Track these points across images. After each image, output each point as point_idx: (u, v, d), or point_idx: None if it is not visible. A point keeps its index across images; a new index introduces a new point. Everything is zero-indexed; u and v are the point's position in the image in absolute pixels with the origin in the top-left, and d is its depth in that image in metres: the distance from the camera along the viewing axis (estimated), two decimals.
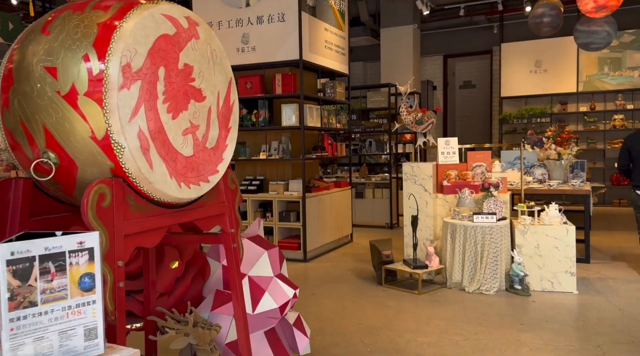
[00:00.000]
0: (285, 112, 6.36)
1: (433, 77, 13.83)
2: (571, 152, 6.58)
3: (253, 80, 6.42)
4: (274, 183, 6.56)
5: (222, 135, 1.89)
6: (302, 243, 6.28)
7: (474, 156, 5.74)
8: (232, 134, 1.97)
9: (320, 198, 6.66)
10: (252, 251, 2.60)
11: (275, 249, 2.74)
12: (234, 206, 2.03)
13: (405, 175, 5.52)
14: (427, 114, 5.38)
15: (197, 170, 1.75)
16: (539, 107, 11.44)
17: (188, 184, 1.70)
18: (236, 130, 2.00)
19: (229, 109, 1.94)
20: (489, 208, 5.09)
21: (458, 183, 5.51)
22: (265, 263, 2.59)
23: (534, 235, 4.92)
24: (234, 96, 1.98)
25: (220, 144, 1.88)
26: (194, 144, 1.75)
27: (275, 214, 6.40)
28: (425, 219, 5.43)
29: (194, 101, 1.75)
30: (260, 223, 2.92)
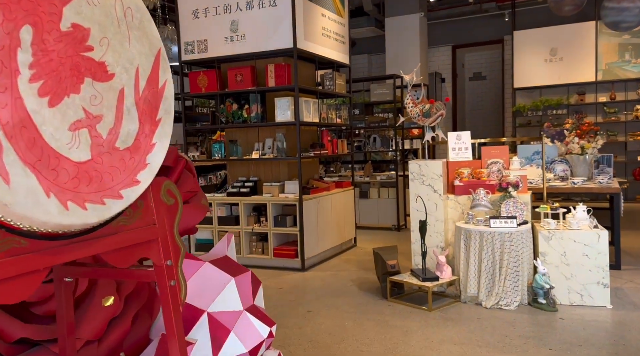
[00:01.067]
0: (279, 106, 5.79)
1: (441, 69, 13.20)
2: (596, 146, 5.95)
3: (243, 72, 5.85)
4: (269, 184, 6.00)
5: (144, 130, 1.33)
6: (299, 251, 5.71)
7: (488, 151, 5.14)
8: (164, 128, 1.40)
9: (320, 200, 6.09)
10: (214, 279, 2.04)
11: (247, 274, 2.17)
12: (172, 228, 1.46)
13: (412, 174, 4.93)
14: (435, 105, 4.78)
15: (98, 182, 1.18)
16: (555, 98, 10.77)
17: (81, 204, 1.14)
18: (170, 123, 1.43)
19: (156, 93, 1.37)
20: (507, 211, 4.49)
21: (471, 183, 4.91)
22: (232, 294, 2.03)
23: (559, 241, 4.31)
24: (165, 75, 1.40)
25: (141, 143, 1.32)
26: (92, 143, 1.18)
27: (269, 218, 5.83)
28: (435, 223, 4.84)
29: (91, 81, 1.18)
30: (231, 241, 2.35)
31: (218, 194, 6.18)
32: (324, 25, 6.20)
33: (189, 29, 6.04)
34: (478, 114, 14.90)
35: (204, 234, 6.23)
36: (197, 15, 5.96)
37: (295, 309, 4.43)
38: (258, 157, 5.91)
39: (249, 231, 5.95)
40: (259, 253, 5.95)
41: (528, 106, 10.94)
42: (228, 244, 2.32)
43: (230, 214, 6.13)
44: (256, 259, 5.95)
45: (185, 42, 6.08)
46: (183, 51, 6.10)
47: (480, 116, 14.85)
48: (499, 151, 5.13)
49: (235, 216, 6.01)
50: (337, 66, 6.74)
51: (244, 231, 5.96)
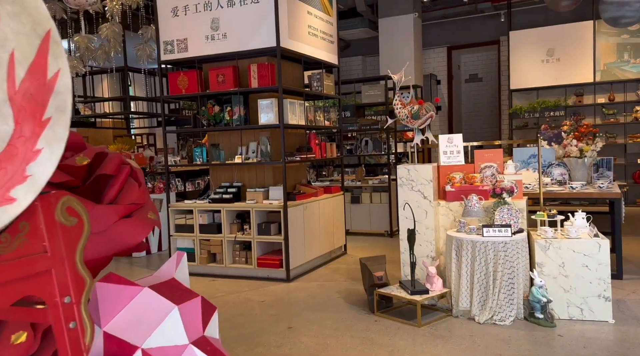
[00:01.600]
0: (263, 108, 5.50)
1: (437, 71, 12.93)
2: (595, 149, 5.67)
3: (225, 72, 5.57)
4: (252, 190, 5.71)
5: (23, 133, 1.04)
6: (284, 260, 5.42)
7: (482, 155, 4.86)
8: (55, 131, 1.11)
9: (307, 206, 5.80)
10: (154, 308, 1.74)
11: (196, 301, 1.87)
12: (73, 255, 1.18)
13: (401, 180, 4.64)
14: (424, 106, 4.50)
15: None
16: (552, 99, 10.50)
17: None
18: (66, 125, 1.14)
19: (43, 86, 1.08)
20: (501, 219, 4.21)
21: (464, 188, 4.63)
22: (175, 325, 1.74)
23: (557, 251, 4.02)
24: (56, 64, 1.11)
25: (18, 149, 1.03)
26: None
27: (253, 226, 5.54)
28: (425, 232, 4.55)
29: None
30: (183, 260, 2.05)
31: (200, 201, 5.89)
32: (310, 23, 5.93)
33: (169, 27, 5.76)
34: (474, 117, 14.63)
35: (185, 243, 5.93)
36: (177, 13, 5.68)
37: (275, 325, 4.14)
38: (241, 162, 5.62)
39: (232, 239, 5.65)
40: (243, 262, 5.66)
41: (525, 108, 10.68)
42: (177, 265, 2.02)
43: (213, 221, 5.84)
44: (239, 269, 5.66)
45: (164, 42, 5.80)
46: (162, 51, 5.82)
47: (477, 118, 14.59)
48: (493, 154, 4.85)
49: (218, 224, 5.72)
50: (325, 67, 6.47)
51: (227, 239, 5.66)
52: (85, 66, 7.99)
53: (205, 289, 5.28)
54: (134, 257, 7.05)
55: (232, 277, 5.65)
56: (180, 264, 2.04)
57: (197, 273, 5.85)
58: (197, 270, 5.86)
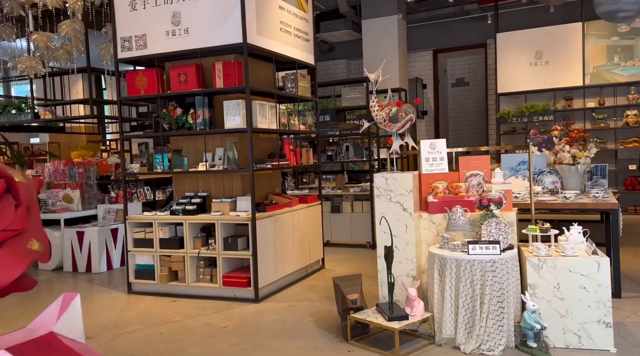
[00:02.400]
0: (228, 110, 5.02)
1: (422, 75, 12.55)
2: (589, 155, 5.26)
3: (188, 71, 5.08)
4: (218, 200, 5.21)
5: None
6: (252, 278, 4.92)
7: (467, 162, 4.42)
8: None
9: (279, 218, 5.31)
10: None
11: None
12: None
13: (378, 190, 4.18)
14: (403, 108, 4.05)
15: None
16: (541, 103, 10.14)
17: None
18: None
19: None
20: (489, 234, 3.75)
21: (447, 199, 4.18)
22: None
23: (552, 271, 3.58)
24: None
25: None
26: None
27: (218, 240, 5.04)
28: (405, 248, 4.08)
29: None
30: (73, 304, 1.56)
31: (160, 213, 5.37)
32: (282, 19, 5.46)
33: (126, 22, 5.27)
34: (461, 122, 14.28)
35: (145, 259, 5.42)
36: (135, 6, 5.19)
37: None
38: (205, 170, 5.13)
39: (195, 255, 5.15)
40: (207, 280, 5.15)
41: (513, 113, 10.30)
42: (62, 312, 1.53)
43: (175, 235, 5.33)
44: (204, 288, 5.15)
45: (121, 38, 5.30)
46: (120, 48, 5.32)
47: (464, 123, 14.23)
48: (479, 161, 4.40)
49: (180, 238, 5.22)
50: (300, 67, 6.01)
51: (189, 255, 5.16)
52: (45, 66, 7.47)
53: (162, 312, 4.77)
54: (93, 273, 6.52)
55: (195, 297, 5.14)
56: (68, 310, 1.54)
57: (157, 292, 5.33)
58: (157, 289, 5.34)
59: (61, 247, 6.72)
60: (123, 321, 4.54)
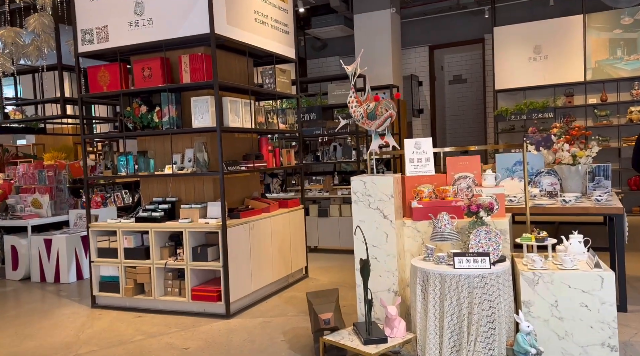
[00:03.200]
0: (196, 108, 4.60)
1: (418, 72, 12.11)
2: (590, 154, 4.83)
3: (152, 65, 4.66)
4: (187, 206, 4.79)
5: None
6: (222, 292, 4.50)
7: (455, 163, 3.99)
8: None
9: (254, 225, 4.89)
10: None
11: None
12: None
13: (355, 195, 3.76)
14: (382, 103, 3.62)
15: None
16: (540, 100, 9.70)
17: None
18: None
19: None
20: (478, 244, 3.33)
21: (433, 204, 3.76)
22: None
23: (549, 287, 3.15)
24: None
25: None
26: None
27: (186, 250, 4.62)
28: (386, 259, 3.66)
29: None
30: None
31: (125, 220, 4.96)
32: (257, 8, 5.04)
33: (87, 13, 4.85)
34: (459, 120, 13.86)
35: (109, 271, 5.00)
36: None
37: None
38: (171, 173, 4.71)
39: (162, 266, 4.73)
40: (176, 294, 4.74)
41: (511, 110, 9.86)
42: None
43: (142, 244, 4.92)
44: (172, 302, 4.73)
45: (82, 30, 4.89)
46: (80, 41, 4.90)
47: (462, 122, 13.81)
48: (469, 162, 3.97)
49: (146, 248, 4.80)
50: (280, 61, 5.60)
51: (156, 266, 4.74)
52: (14, 63, 7.05)
53: (123, 330, 4.35)
54: (62, 283, 6.11)
55: (163, 312, 4.72)
56: None
57: (123, 307, 4.92)
58: (122, 304, 4.93)
59: (28, 256, 6.31)
60: (78, 341, 4.12)
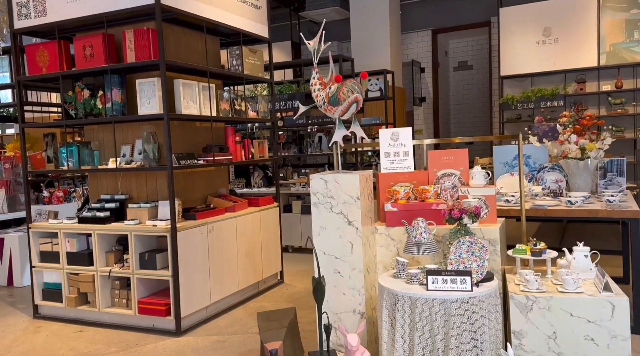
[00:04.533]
0: (143, 92, 3.99)
1: (420, 58, 11.39)
2: (602, 147, 4.16)
3: (94, 43, 4.05)
4: (136, 205, 4.19)
5: None
6: (172, 305, 3.91)
7: (438, 158, 3.35)
8: None
9: (215, 227, 4.29)
10: None
11: None
12: None
13: (316, 196, 3.13)
14: (346, 85, 2.98)
15: None
16: (549, 87, 8.96)
17: None
18: None
19: None
20: (458, 260, 2.69)
21: (410, 207, 3.13)
22: None
23: (545, 314, 2.52)
24: None
25: None
26: None
27: (132, 256, 4.03)
28: (350, 274, 3.04)
29: None
30: None
31: (67, 221, 4.37)
32: None
33: None
34: (464, 109, 13.13)
35: (53, 277, 4.43)
36: None
37: None
38: (115, 167, 4.11)
39: (106, 274, 4.14)
40: (124, 305, 4.15)
41: (517, 97, 9.14)
42: None
43: (87, 247, 4.34)
44: (118, 315, 4.15)
45: (17, 3, 4.28)
46: (16, 16, 4.30)
47: (467, 111, 13.09)
48: (454, 157, 3.33)
49: (90, 252, 4.22)
50: (250, 41, 4.96)
51: (100, 274, 4.16)
52: None
53: (57, 348, 3.77)
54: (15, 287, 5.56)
55: (108, 326, 4.14)
56: None
57: (66, 318, 4.35)
58: (66, 314, 4.36)
59: None
60: None
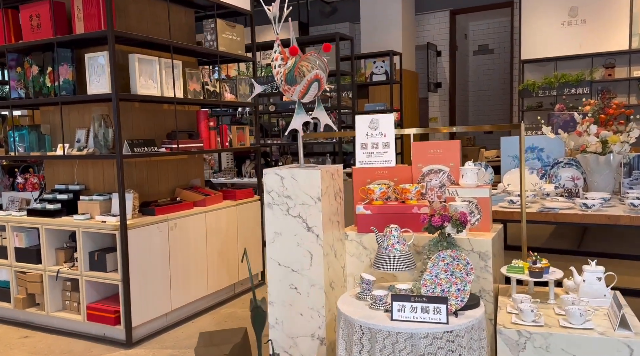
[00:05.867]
0: (92, 68, 3.49)
1: (437, 40, 10.70)
2: (627, 139, 3.52)
3: (41, 11, 3.55)
4: (87, 198, 3.72)
5: None
6: (122, 312, 3.44)
7: (424, 151, 2.78)
8: None
9: (178, 223, 3.79)
10: None
11: None
12: None
13: (270, 195, 2.60)
14: (305, 60, 2.43)
15: None
16: (574, 72, 8.22)
17: None
18: None
19: None
20: (434, 281, 2.14)
21: (386, 210, 2.58)
22: None
23: (542, 355, 1.96)
24: None
25: None
26: None
27: (81, 256, 3.56)
28: (309, 291, 2.51)
29: None
30: None
31: (17, 213, 3.92)
32: None
33: None
34: (484, 96, 12.39)
35: (3, 274, 4.01)
36: None
37: None
38: (62, 154, 3.63)
39: (54, 274, 3.69)
40: (75, 309, 3.70)
41: (539, 83, 8.42)
42: None
43: (38, 244, 3.89)
44: (68, 320, 3.69)
45: None
46: None
47: (487, 98, 12.35)
48: (444, 149, 2.75)
49: (38, 249, 3.77)
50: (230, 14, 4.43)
51: (48, 273, 3.71)
52: None
53: None
54: None
55: (57, 332, 3.70)
56: None
57: (15, 321, 3.91)
58: (14, 316, 3.93)
59: None
60: None
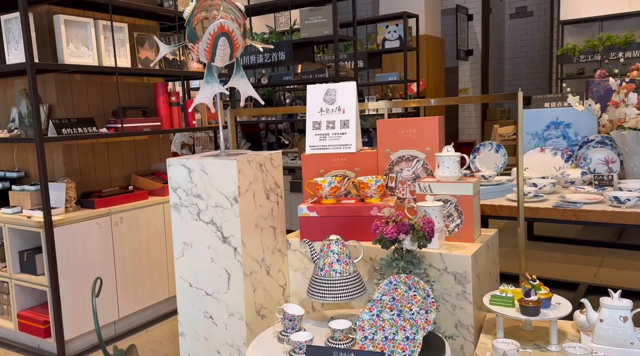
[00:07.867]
0: (10, 32, 2.92)
1: (467, 3, 9.75)
2: None
3: None
4: (18, 188, 3.19)
5: None
6: (52, 323, 2.91)
7: (393, 130, 2.08)
8: None
9: (124, 217, 3.22)
10: None
11: None
12: None
13: (175, 193, 1.96)
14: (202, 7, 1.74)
15: None
16: (622, 33, 7.18)
17: None
18: None
19: None
20: (375, 325, 1.46)
21: (337, 212, 1.91)
22: None
23: None
24: None
25: None
26: None
27: (8, 256, 3.05)
28: (227, 323, 1.88)
29: None
30: None
31: None
32: None
33: None
34: (520, 64, 11.33)
35: None
36: None
37: None
38: None
39: None
40: (7, 316, 3.21)
41: (580, 48, 7.42)
42: None
43: None
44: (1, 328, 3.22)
45: None
46: None
47: (524, 66, 11.29)
48: (417, 129, 2.04)
49: None
50: None
51: None
52: None
53: None
54: None
55: None
56: None
57: None
58: None
59: None
60: None
